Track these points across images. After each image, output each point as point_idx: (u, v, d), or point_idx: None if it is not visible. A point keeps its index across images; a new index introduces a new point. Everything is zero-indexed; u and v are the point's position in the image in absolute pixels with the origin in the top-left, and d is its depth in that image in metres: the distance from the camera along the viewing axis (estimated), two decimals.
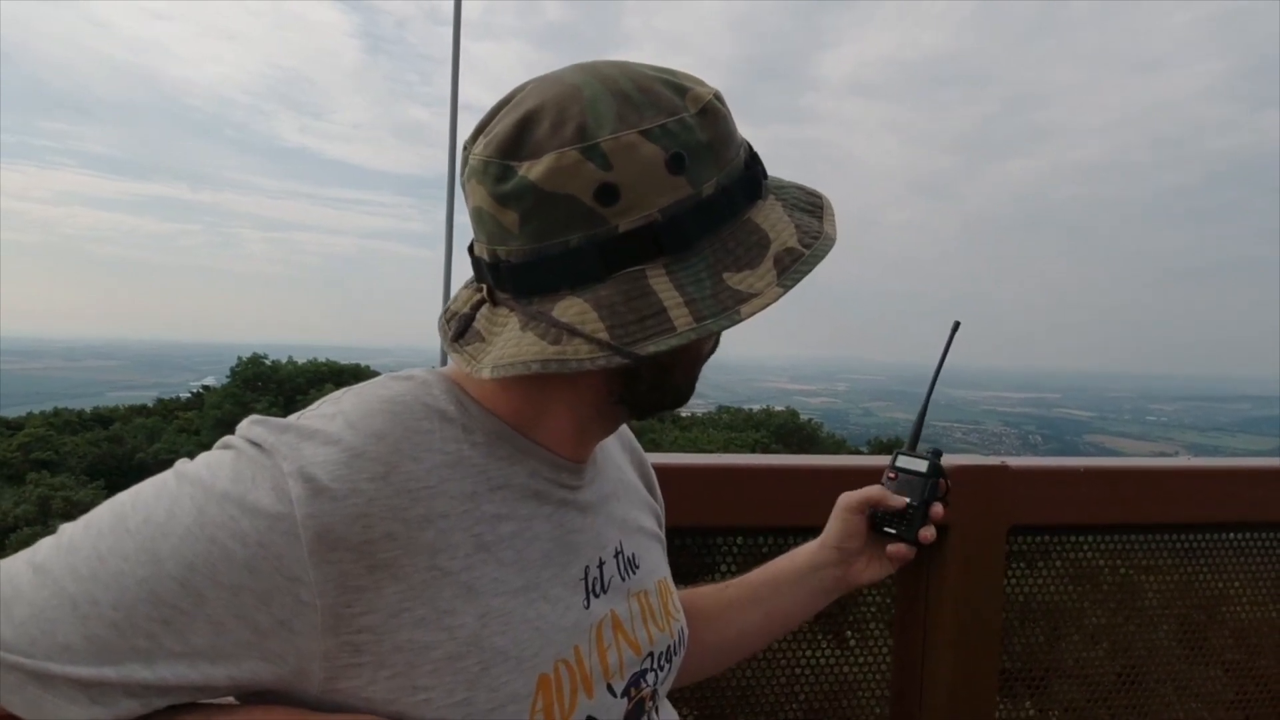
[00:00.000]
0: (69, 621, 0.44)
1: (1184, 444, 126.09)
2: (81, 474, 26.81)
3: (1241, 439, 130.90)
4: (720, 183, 0.52)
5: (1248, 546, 1.43)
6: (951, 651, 1.22)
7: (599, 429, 0.63)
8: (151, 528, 0.47)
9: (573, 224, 0.50)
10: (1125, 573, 1.40)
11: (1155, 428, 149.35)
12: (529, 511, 0.57)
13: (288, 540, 0.46)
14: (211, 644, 0.46)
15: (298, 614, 0.47)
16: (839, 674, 1.26)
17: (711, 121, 0.52)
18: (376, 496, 0.49)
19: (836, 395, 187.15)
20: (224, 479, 0.48)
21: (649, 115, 0.51)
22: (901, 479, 0.88)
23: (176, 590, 0.45)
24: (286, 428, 0.51)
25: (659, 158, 0.50)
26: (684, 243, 0.51)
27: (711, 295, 0.50)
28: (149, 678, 0.45)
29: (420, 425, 0.53)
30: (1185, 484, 1.37)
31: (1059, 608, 1.37)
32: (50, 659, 0.44)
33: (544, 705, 0.53)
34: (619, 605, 0.64)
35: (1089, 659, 1.39)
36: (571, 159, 0.49)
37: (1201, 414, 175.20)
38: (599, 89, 0.51)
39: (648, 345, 0.49)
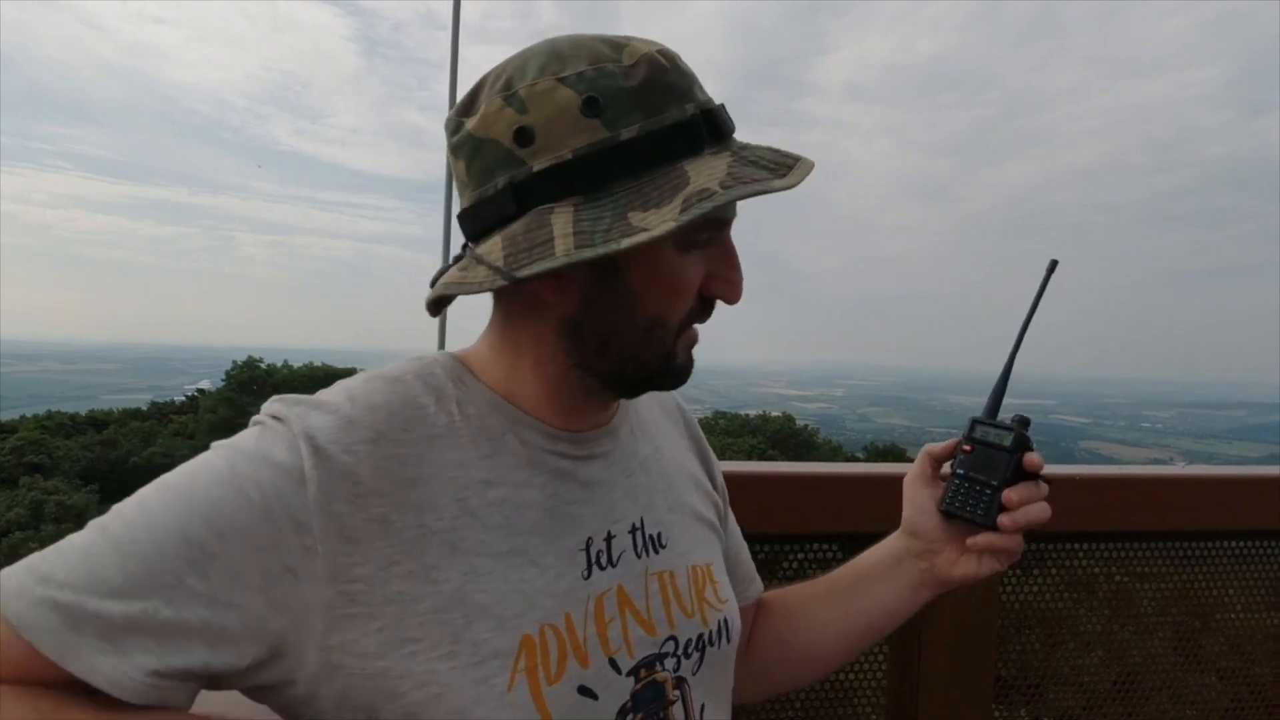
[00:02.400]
0: (110, 557, 0.49)
1: (1179, 451, 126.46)
2: (75, 478, 26.68)
3: (1237, 446, 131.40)
4: (645, 129, 0.54)
5: (1243, 554, 1.43)
6: (947, 658, 1.22)
7: (583, 399, 0.63)
8: (187, 480, 0.53)
9: (498, 167, 0.55)
10: (1120, 580, 1.40)
11: (1150, 434, 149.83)
12: (520, 479, 0.59)
13: (297, 490, 0.51)
14: (228, 587, 0.50)
15: (303, 561, 0.51)
16: (835, 681, 1.26)
17: (643, 72, 0.54)
18: (367, 458, 0.54)
19: (833, 400, 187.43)
20: (249, 442, 0.54)
21: (571, 64, 0.54)
22: (979, 453, 0.73)
23: (203, 530, 0.50)
24: (300, 401, 0.56)
25: (574, 101, 0.53)
26: (596, 183, 0.53)
27: (605, 230, 0.52)
28: (171, 615, 0.49)
29: (416, 400, 0.58)
30: (1180, 492, 1.37)
31: (1054, 615, 1.37)
32: (90, 593, 0.48)
33: (527, 665, 0.55)
34: (630, 581, 0.63)
35: (1084, 666, 1.38)
36: (495, 106, 0.55)
37: (1197, 421, 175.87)
38: (538, 49, 0.56)
39: (527, 268, 0.52)
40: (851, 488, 1.24)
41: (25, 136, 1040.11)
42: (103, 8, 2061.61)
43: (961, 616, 1.22)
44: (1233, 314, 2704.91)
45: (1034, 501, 0.72)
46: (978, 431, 0.75)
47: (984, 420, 0.75)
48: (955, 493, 0.75)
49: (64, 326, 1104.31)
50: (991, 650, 1.25)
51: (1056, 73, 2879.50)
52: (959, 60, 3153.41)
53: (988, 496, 0.72)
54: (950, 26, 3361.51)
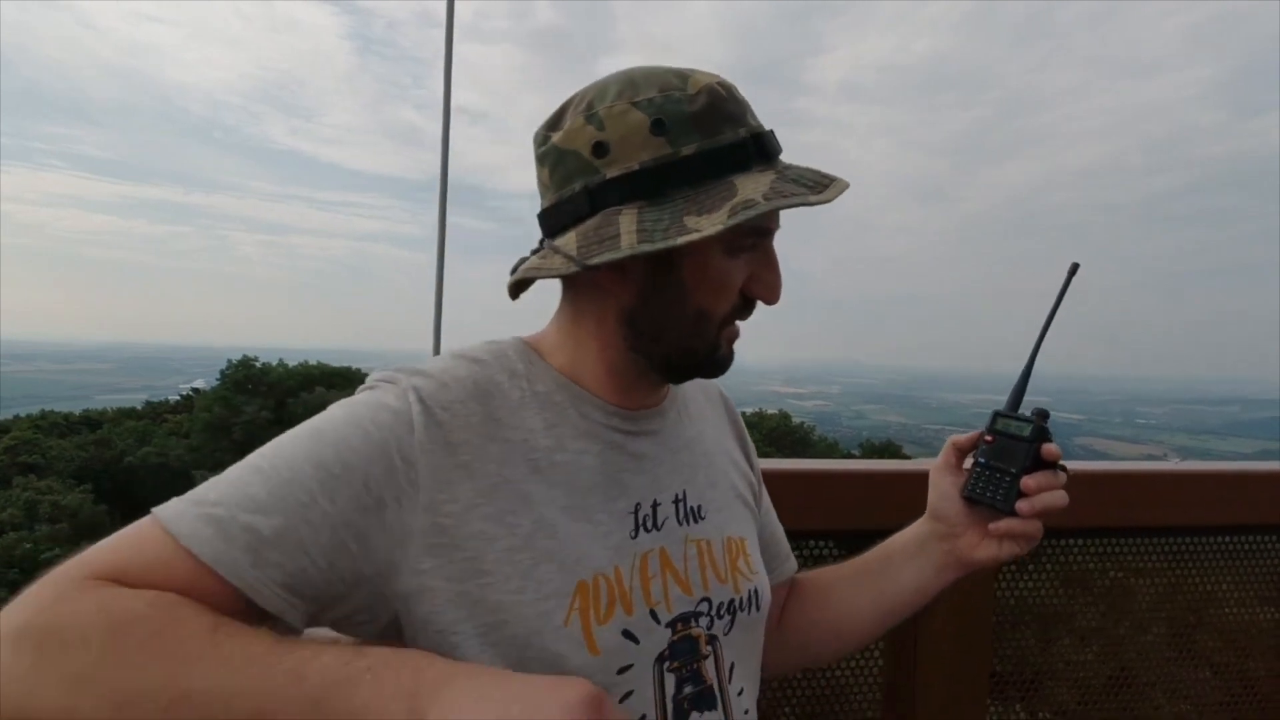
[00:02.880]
0: (255, 480, 0.58)
1: (1173, 447, 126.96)
2: (69, 477, 26.55)
3: (1231, 442, 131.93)
4: (702, 147, 0.63)
5: (1237, 549, 1.44)
6: (944, 653, 1.22)
7: (639, 381, 0.72)
8: (316, 424, 0.62)
9: (577, 174, 0.65)
10: (1116, 575, 1.40)
11: (1145, 430, 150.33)
12: (580, 447, 0.68)
13: (406, 429, 0.61)
14: (349, 508, 0.58)
15: (407, 491, 0.60)
16: (831, 677, 1.26)
17: (704, 99, 0.64)
18: (459, 413, 0.64)
19: (829, 398, 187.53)
20: (366, 395, 0.64)
21: (644, 91, 0.64)
22: (1000, 443, 0.78)
23: (331, 457, 0.59)
24: (403, 368, 0.66)
25: (644, 122, 0.63)
26: (658, 190, 0.63)
27: (664, 229, 0.61)
28: (305, 531, 0.57)
29: (493, 378, 0.68)
30: (1175, 487, 1.38)
31: (1050, 610, 1.37)
32: (240, 508, 0.56)
33: (580, 606, 0.64)
34: (672, 545, 0.71)
35: (1079, 661, 1.39)
36: (578, 123, 0.65)
37: (1191, 417, 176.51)
38: (615, 77, 0.66)
39: (597, 257, 0.61)
40: (847, 484, 1.24)
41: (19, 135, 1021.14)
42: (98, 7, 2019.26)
43: (958, 612, 1.22)
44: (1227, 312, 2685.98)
45: (1052, 489, 0.77)
46: (999, 423, 0.79)
47: (1005, 413, 0.80)
48: (977, 480, 0.79)
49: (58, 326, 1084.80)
50: (988, 645, 1.26)
51: (1055, 73, 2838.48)
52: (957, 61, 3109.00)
53: (1007, 483, 0.76)
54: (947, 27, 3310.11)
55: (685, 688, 0.69)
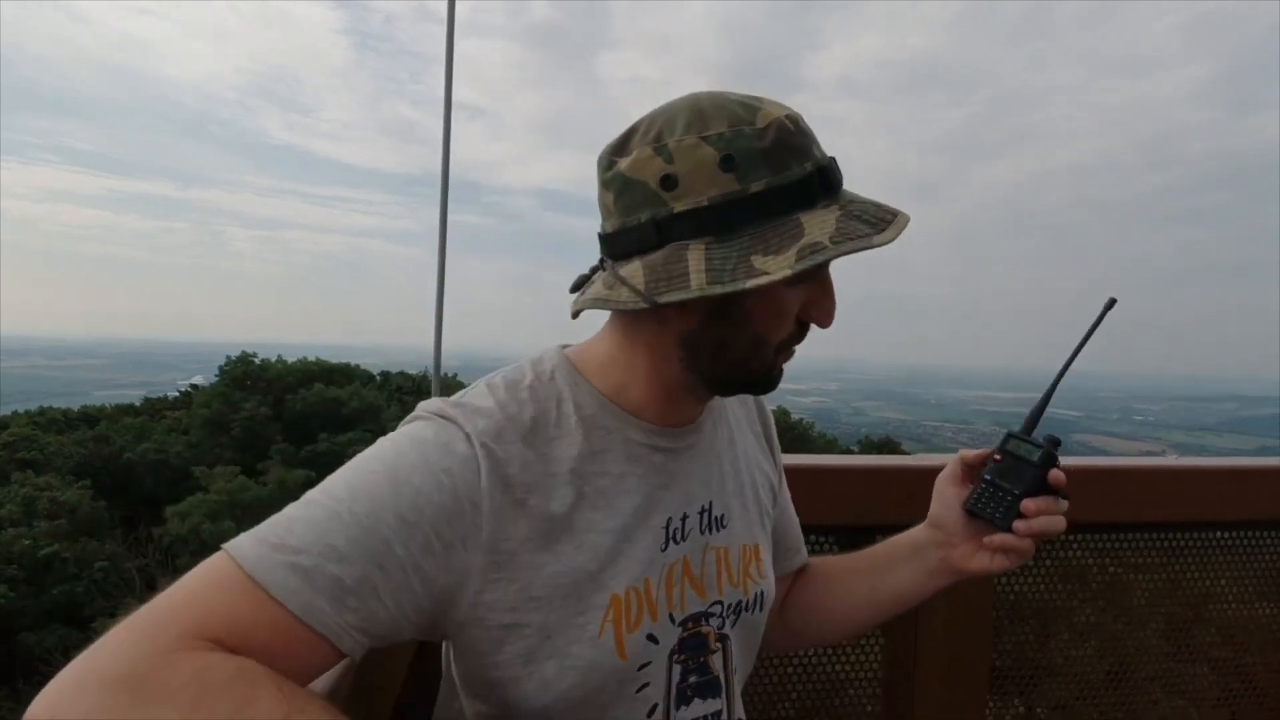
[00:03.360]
0: (335, 528, 0.59)
1: (1170, 444, 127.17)
2: (68, 474, 26.51)
3: (1228, 439, 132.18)
4: (771, 184, 0.63)
5: (1234, 545, 1.44)
6: (943, 649, 1.23)
7: (686, 397, 0.74)
8: (387, 463, 0.63)
9: (644, 204, 0.65)
10: (1114, 571, 1.41)
11: (1142, 427, 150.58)
12: (623, 470, 0.71)
13: (474, 475, 0.64)
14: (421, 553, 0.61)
15: (471, 533, 0.63)
16: (831, 671, 1.27)
17: (773, 135, 0.64)
18: (516, 455, 0.67)
19: (827, 395, 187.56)
20: (431, 435, 0.65)
21: (714, 125, 0.64)
22: (1008, 463, 0.81)
23: (408, 504, 0.60)
24: (459, 404, 0.68)
25: (713, 158, 0.63)
26: (726, 227, 0.63)
27: (732, 269, 0.61)
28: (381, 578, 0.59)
29: (543, 407, 0.70)
30: (1172, 483, 1.38)
31: (1048, 606, 1.38)
32: (323, 557, 0.57)
33: (614, 617, 0.69)
34: (693, 554, 0.76)
35: (1078, 657, 1.39)
36: (647, 154, 0.65)
37: (1188, 414, 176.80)
38: (683, 106, 0.66)
39: (666, 296, 0.62)
40: (848, 480, 1.24)
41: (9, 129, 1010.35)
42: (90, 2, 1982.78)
43: (957, 608, 1.22)
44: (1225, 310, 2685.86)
45: (1051, 514, 0.79)
46: (1010, 444, 0.82)
47: (1018, 435, 0.82)
48: (980, 495, 0.82)
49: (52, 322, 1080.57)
50: (987, 641, 1.26)
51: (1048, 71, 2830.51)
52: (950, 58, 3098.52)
53: (1009, 502, 0.79)
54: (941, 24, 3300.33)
55: (690, 677, 0.75)
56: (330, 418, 29.78)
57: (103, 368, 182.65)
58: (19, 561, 20.64)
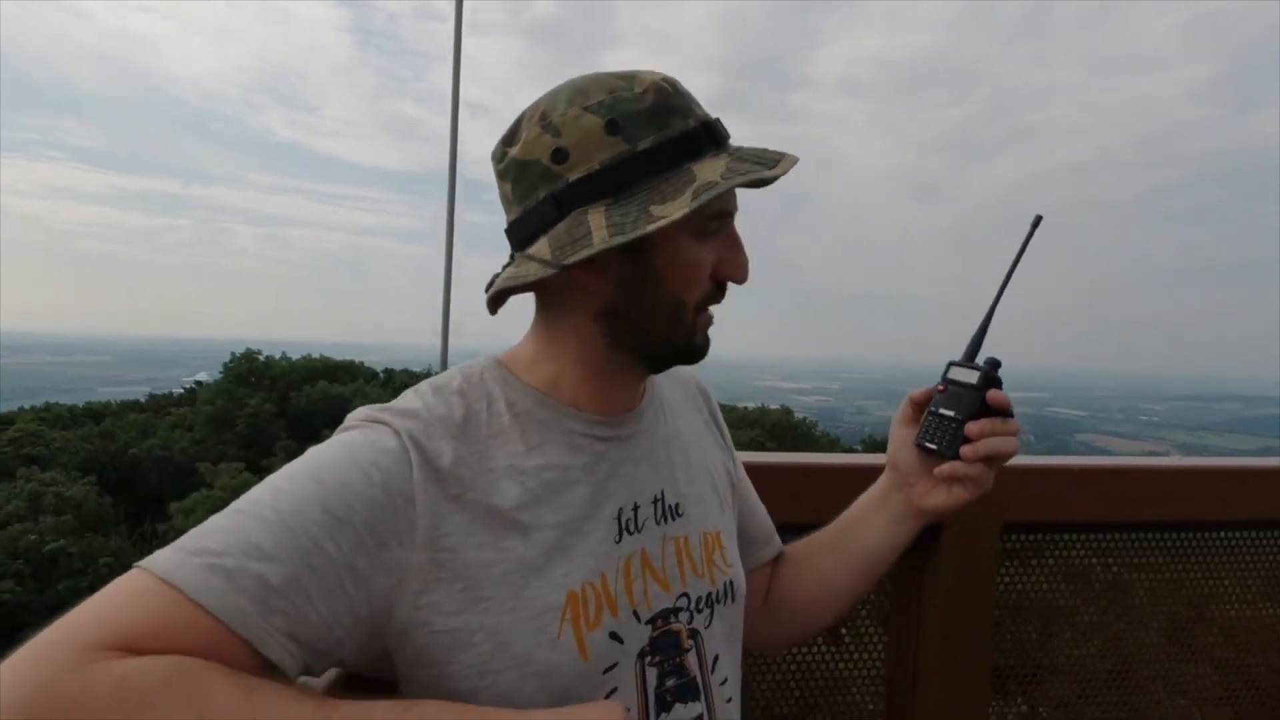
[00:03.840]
0: (258, 528, 0.57)
1: (1174, 443, 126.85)
2: (73, 470, 26.61)
3: (1230, 439, 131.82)
4: (657, 140, 0.65)
5: (1237, 545, 1.44)
6: (944, 648, 1.23)
7: (619, 379, 0.74)
8: (313, 464, 0.62)
9: (540, 183, 0.66)
10: (1116, 571, 1.41)
11: (1146, 427, 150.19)
12: (566, 462, 0.70)
13: (405, 469, 0.62)
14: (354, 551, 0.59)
15: (407, 530, 0.61)
16: (832, 670, 1.27)
17: (652, 96, 0.66)
18: (448, 450, 0.65)
19: (830, 394, 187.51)
20: (359, 436, 0.64)
21: (594, 95, 0.66)
22: (951, 391, 0.80)
23: (336, 501, 0.59)
24: (387, 409, 0.67)
25: (598, 124, 0.65)
26: (622, 186, 0.65)
27: (633, 220, 0.63)
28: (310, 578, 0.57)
29: (474, 407, 0.69)
30: (1175, 483, 1.38)
31: (1051, 605, 1.38)
32: (246, 557, 0.55)
33: (572, 615, 0.66)
34: (651, 545, 0.73)
35: (1080, 656, 1.40)
36: (535, 134, 0.66)
37: (1191, 414, 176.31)
38: (563, 87, 0.68)
39: (572, 257, 0.63)
40: (851, 478, 1.24)
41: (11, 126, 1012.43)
42: None
43: (958, 606, 1.23)
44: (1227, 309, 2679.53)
45: (997, 434, 0.79)
46: (951, 372, 0.81)
47: (958, 362, 0.81)
48: (928, 428, 0.81)
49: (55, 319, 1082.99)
50: (989, 640, 1.26)
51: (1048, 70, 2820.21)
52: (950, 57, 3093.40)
53: (953, 429, 0.79)
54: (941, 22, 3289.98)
55: (668, 680, 0.72)
56: (334, 415, 29.66)
57: (108, 364, 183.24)
58: (25, 557, 20.74)
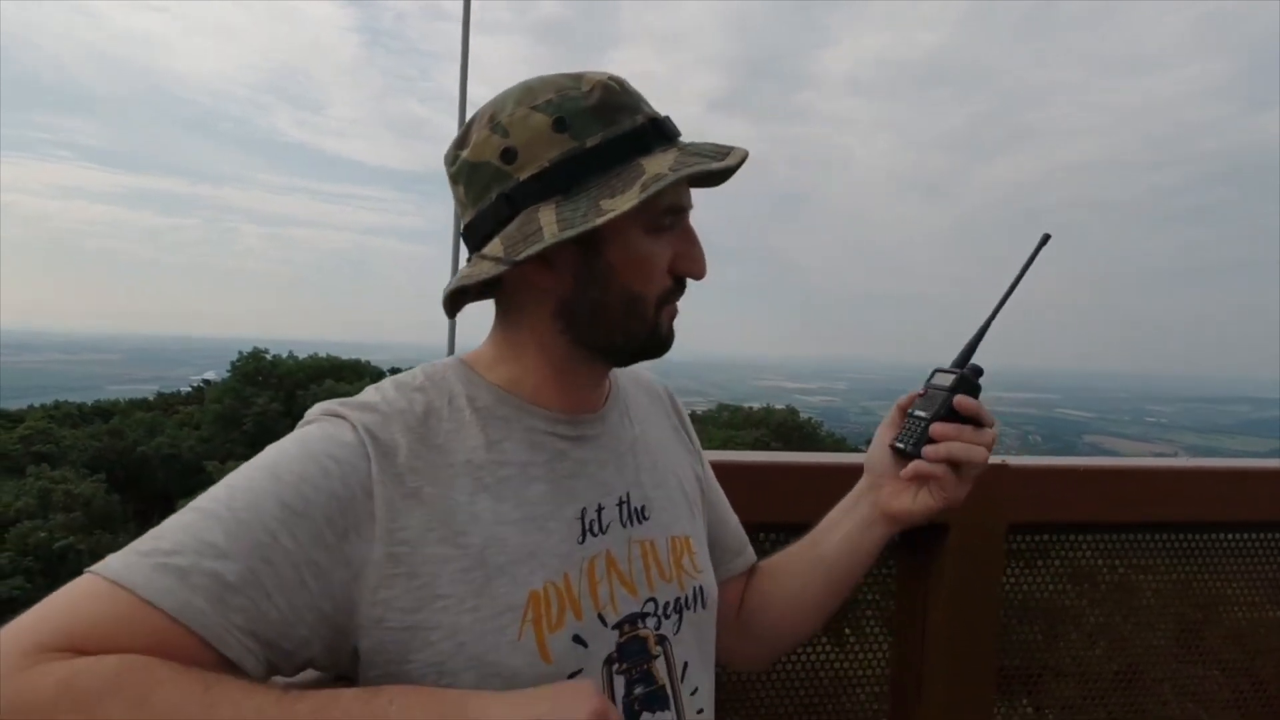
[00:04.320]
0: (212, 525, 0.56)
1: (1182, 445, 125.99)
2: (82, 467, 26.77)
3: (1240, 440, 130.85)
4: (605, 136, 0.66)
5: (1245, 547, 1.44)
6: (950, 649, 1.23)
7: (581, 376, 0.73)
8: (268, 459, 0.61)
9: (491, 183, 0.67)
10: (1123, 572, 1.40)
11: (1154, 429, 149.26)
12: (526, 459, 0.69)
13: (362, 461, 0.62)
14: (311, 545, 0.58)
15: (365, 522, 0.60)
16: (837, 671, 1.27)
17: (599, 94, 0.66)
18: (405, 445, 0.64)
19: (836, 394, 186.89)
20: (316, 430, 0.64)
21: (542, 95, 0.67)
22: (929, 394, 0.81)
23: (291, 493, 0.58)
24: (344, 403, 0.67)
25: (546, 123, 0.65)
26: (572, 182, 0.65)
27: (582, 215, 0.63)
28: (267, 574, 0.56)
29: (432, 404, 0.68)
30: (1182, 484, 1.37)
31: (1057, 607, 1.37)
32: (199, 555, 0.54)
33: (534, 616, 0.64)
34: (617, 548, 0.72)
35: (1086, 658, 1.39)
36: (484, 135, 0.67)
37: (1200, 415, 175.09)
38: (512, 89, 0.69)
39: (524, 253, 0.63)
40: (854, 478, 1.24)
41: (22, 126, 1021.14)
42: None
43: (963, 607, 1.22)
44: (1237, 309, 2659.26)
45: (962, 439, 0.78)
46: (935, 377, 0.82)
47: (943, 368, 0.82)
48: (903, 430, 0.82)
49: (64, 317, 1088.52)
50: (994, 641, 1.26)
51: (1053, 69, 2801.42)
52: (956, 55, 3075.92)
53: (921, 429, 0.79)
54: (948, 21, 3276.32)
55: (636, 689, 0.70)
56: None
57: (116, 363, 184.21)
58: (34, 553, 20.87)
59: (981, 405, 0.78)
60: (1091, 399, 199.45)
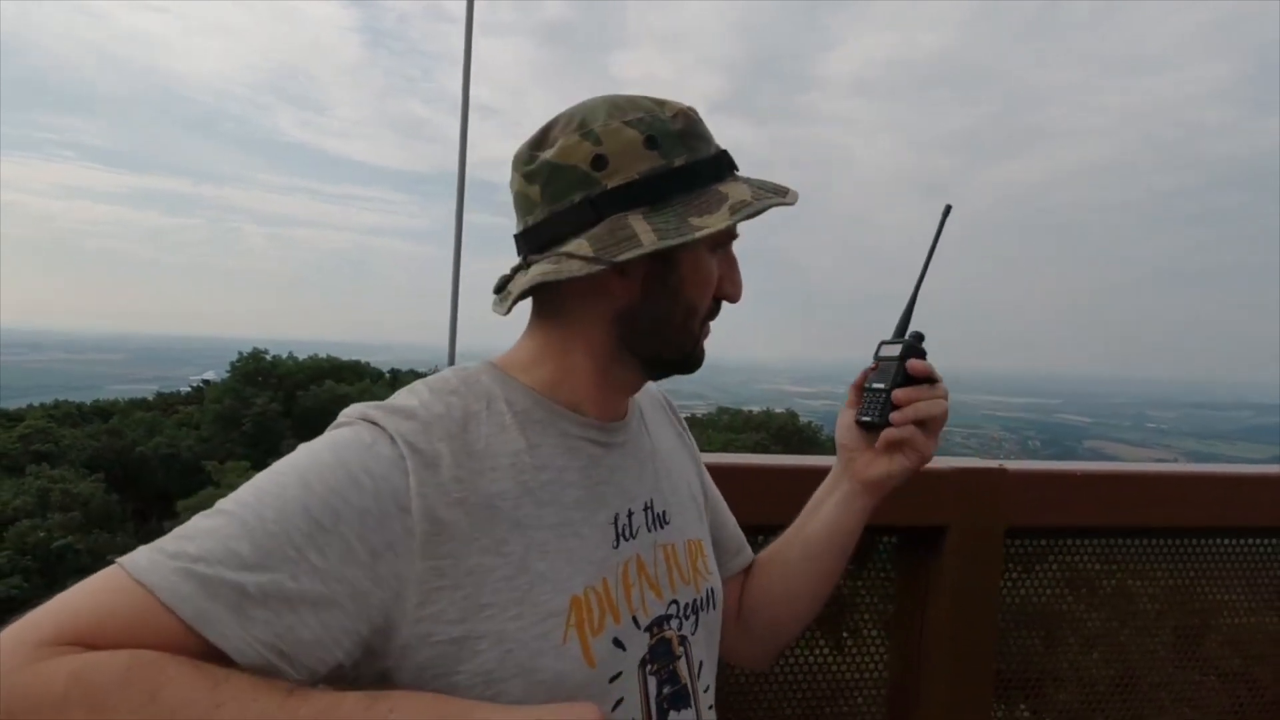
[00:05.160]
0: (238, 534, 0.55)
1: (1182, 451, 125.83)
2: (81, 466, 26.77)
3: (1241, 447, 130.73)
4: (689, 160, 0.70)
5: (1243, 553, 1.43)
6: (948, 654, 1.22)
7: (618, 385, 0.75)
8: (300, 466, 0.60)
9: (576, 186, 0.68)
10: (1121, 578, 1.40)
11: (1154, 435, 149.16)
12: (563, 463, 0.70)
13: (400, 476, 0.61)
14: (341, 562, 0.57)
15: (402, 539, 0.60)
16: (836, 675, 1.27)
17: (682, 121, 0.71)
18: (447, 453, 0.64)
19: (836, 398, 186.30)
20: (351, 436, 0.63)
21: (631, 113, 0.70)
22: (881, 367, 0.85)
23: (321, 507, 0.57)
24: (380, 408, 0.66)
25: (638, 138, 0.69)
26: (658, 197, 0.68)
27: (676, 227, 0.67)
28: (293, 587, 0.55)
29: (470, 408, 0.69)
30: (1180, 489, 1.37)
31: (1055, 611, 1.37)
32: (223, 564, 0.53)
33: (576, 621, 0.66)
34: (645, 552, 0.75)
35: (1084, 663, 1.39)
36: (574, 140, 0.69)
37: (1201, 421, 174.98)
38: (597, 101, 0.72)
39: (620, 255, 0.65)
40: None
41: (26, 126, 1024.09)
42: None
43: (962, 612, 1.22)
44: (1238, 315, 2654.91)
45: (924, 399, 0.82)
46: (881, 350, 0.86)
47: (887, 340, 0.86)
48: (863, 404, 0.86)
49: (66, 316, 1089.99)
50: (992, 645, 1.26)
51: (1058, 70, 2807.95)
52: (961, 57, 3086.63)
53: (883, 400, 0.84)
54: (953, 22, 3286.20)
55: (664, 688, 0.72)
56: None
57: (117, 362, 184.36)
58: (33, 553, 20.87)
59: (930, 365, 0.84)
60: (1092, 404, 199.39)
